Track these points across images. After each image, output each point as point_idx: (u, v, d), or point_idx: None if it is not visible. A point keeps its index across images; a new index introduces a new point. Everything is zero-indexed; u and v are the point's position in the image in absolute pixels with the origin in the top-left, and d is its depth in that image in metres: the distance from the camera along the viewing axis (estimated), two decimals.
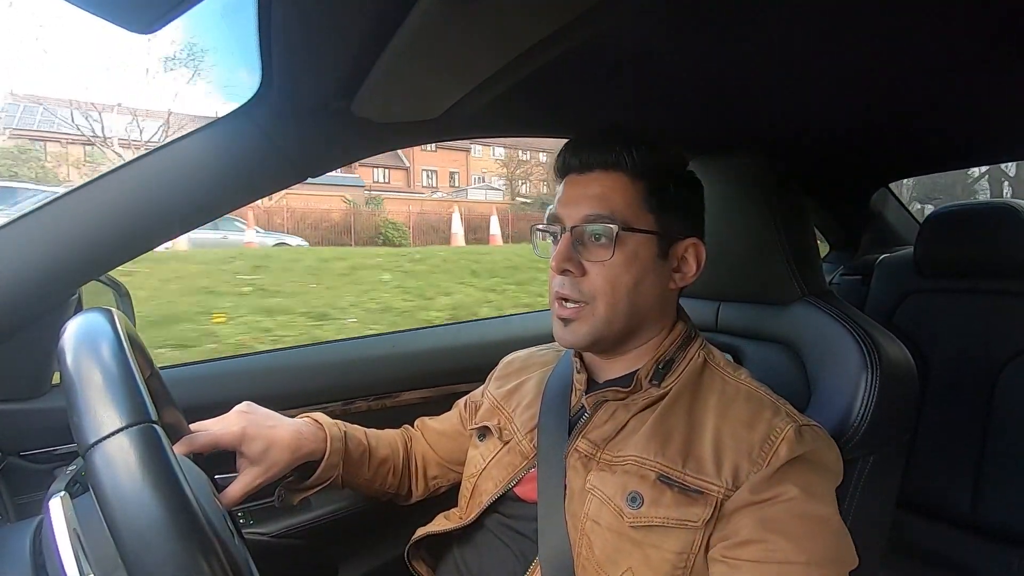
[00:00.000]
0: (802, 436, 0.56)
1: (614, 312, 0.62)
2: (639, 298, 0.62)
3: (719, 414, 0.59)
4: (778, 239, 0.76)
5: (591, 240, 0.61)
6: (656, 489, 0.56)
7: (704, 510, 0.54)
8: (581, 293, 0.62)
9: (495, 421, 0.75)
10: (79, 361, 0.41)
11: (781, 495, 0.53)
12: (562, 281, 0.62)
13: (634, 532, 0.56)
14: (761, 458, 0.55)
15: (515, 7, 0.49)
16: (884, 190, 1.59)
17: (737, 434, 0.57)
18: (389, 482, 0.80)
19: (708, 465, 0.56)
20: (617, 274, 0.61)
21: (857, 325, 0.72)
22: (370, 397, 1.02)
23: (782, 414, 0.58)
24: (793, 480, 0.53)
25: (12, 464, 0.73)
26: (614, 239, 0.60)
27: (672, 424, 0.60)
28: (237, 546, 0.50)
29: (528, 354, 0.83)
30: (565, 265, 0.61)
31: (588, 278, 0.62)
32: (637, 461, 0.59)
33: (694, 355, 0.65)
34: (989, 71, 0.76)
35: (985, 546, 1.11)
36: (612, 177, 0.62)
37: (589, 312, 0.62)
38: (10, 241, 0.65)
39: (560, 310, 0.63)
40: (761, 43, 0.68)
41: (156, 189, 0.68)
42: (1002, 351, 1.14)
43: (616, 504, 0.58)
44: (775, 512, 0.52)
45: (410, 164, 24.15)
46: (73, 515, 0.43)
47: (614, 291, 0.61)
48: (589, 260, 0.61)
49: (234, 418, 0.67)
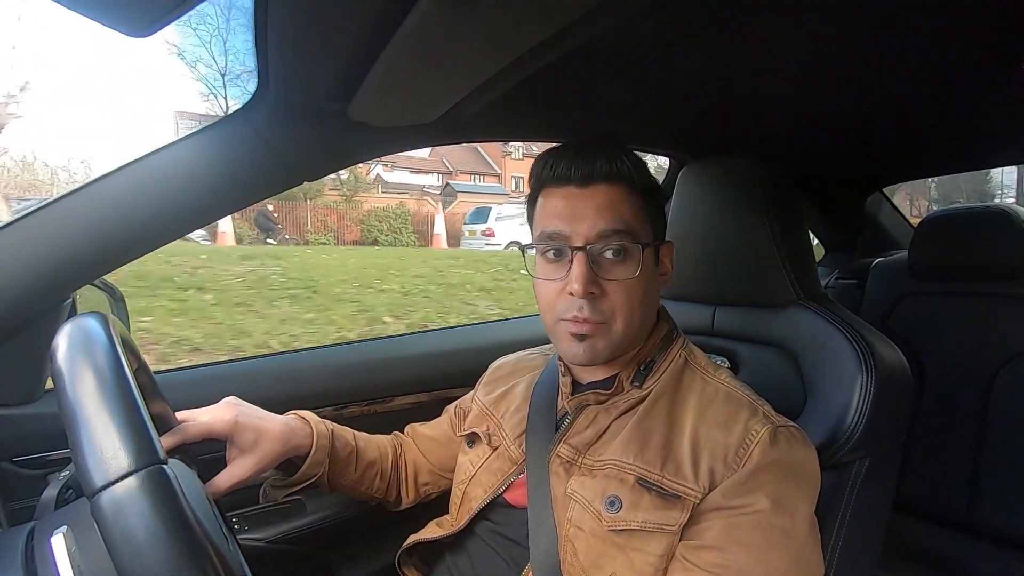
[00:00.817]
0: (776, 439, 0.55)
1: (630, 327, 0.60)
2: (648, 308, 0.62)
3: (698, 415, 0.59)
4: (773, 243, 0.76)
5: (606, 258, 0.59)
6: (635, 492, 0.56)
7: (681, 514, 0.54)
8: (601, 313, 0.59)
9: (484, 427, 0.74)
10: (80, 393, 0.39)
11: (750, 505, 0.52)
12: (580, 304, 0.58)
13: (615, 536, 0.56)
14: (736, 462, 0.54)
15: (512, 11, 0.49)
16: (879, 194, 1.60)
17: (714, 436, 0.56)
18: (377, 485, 0.79)
19: (686, 468, 0.55)
20: (634, 290, 0.59)
21: (852, 328, 0.72)
22: (363, 402, 1.01)
23: (759, 415, 0.57)
24: (764, 489, 0.53)
25: (4, 470, 0.72)
26: (640, 256, 0.58)
27: (651, 426, 0.59)
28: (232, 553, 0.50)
29: (517, 358, 0.83)
30: (591, 288, 0.58)
31: (607, 298, 0.59)
32: (617, 465, 0.58)
33: (675, 355, 0.65)
34: (984, 75, 0.76)
35: (981, 548, 1.12)
36: (615, 189, 0.60)
37: (606, 329, 0.59)
38: (4, 244, 0.64)
39: (575, 327, 0.59)
40: (757, 47, 0.68)
41: (152, 193, 0.68)
42: (997, 354, 1.15)
43: (595, 508, 0.57)
44: (741, 522, 0.52)
45: (502, 171, 24.92)
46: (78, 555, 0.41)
47: (631, 307, 0.59)
48: (607, 278, 0.59)
49: (225, 408, 0.67)
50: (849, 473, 0.67)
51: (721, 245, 0.80)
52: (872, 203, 1.60)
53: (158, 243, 0.72)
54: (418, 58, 0.56)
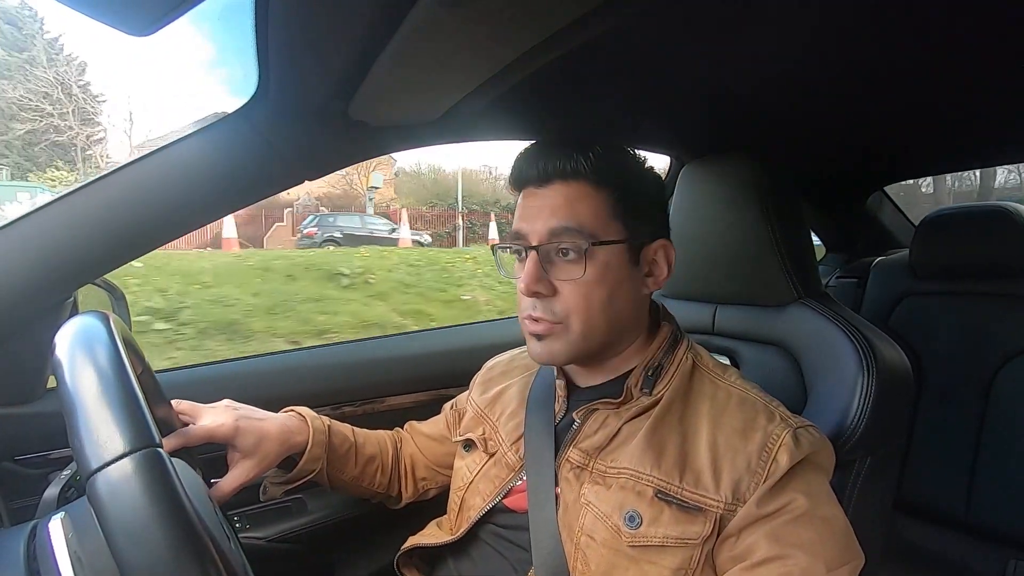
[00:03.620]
0: (799, 440, 0.55)
1: (590, 328, 0.59)
2: (614, 311, 0.60)
3: (713, 422, 0.58)
4: (774, 242, 0.76)
5: (559, 257, 0.58)
6: (654, 507, 0.55)
7: (704, 527, 0.53)
8: (554, 314, 0.59)
9: (480, 432, 0.74)
10: (77, 379, 0.40)
11: (788, 505, 0.52)
12: (533, 303, 0.59)
13: (632, 551, 0.55)
14: (761, 468, 0.54)
15: (513, 10, 0.49)
16: (879, 193, 1.60)
17: (733, 444, 0.56)
18: (378, 481, 0.79)
19: (706, 478, 0.55)
20: (590, 290, 0.58)
21: (853, 327, 0.72)
22: (361, 401, 1.01)
23: (776, 419, 0.57)
24: (796, 488, 0.53)
25: (6, 468, 0.72)
26: (584, 254, 0.57)
27: (665, 435, 0.58)
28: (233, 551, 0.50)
29: (510, 357, 0.82)
30: (536, 287, 0.58)
31: (560, 297, 0.59)
32: (633, 475, 0.57)
33: (682, 358, 0.64)
34: (984, 74, 0.76)
35: (980, 547, 1.12)
36: (573, 187, 0.59)
37: (563, 330, 0.59)
38: (5, 244, 0.64)
39: (532, 325, 0.60)
40: (757, 46, 0.68)
41: (152, 192, 0.68)
42: (997, 353, 1.14)
43: (613, 522, 0.56)
44: (786, 524, 0.51)
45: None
46: (75, 539, 0.42)
47: (589, 308, 0.58)
48: (559, 279, 0.58)
49: (224, 412, 0.67)
50: (850, 472, 0.67)
51: (722, 244, 0.80)
52: (873, 202, 1.60)
53: (159, 242, 0.72)
54: (419, 57, 0.56)
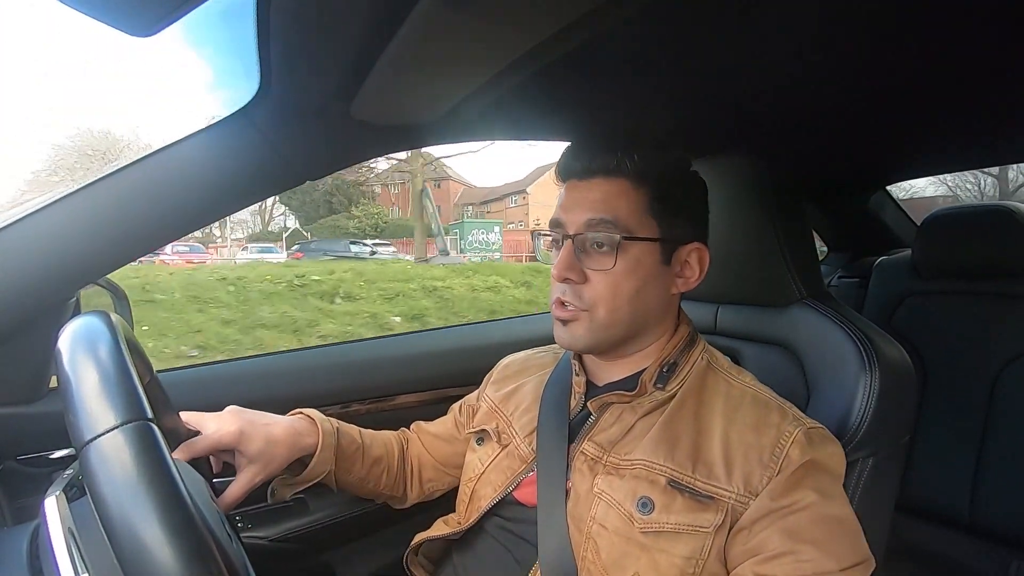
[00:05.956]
0: (811, 439, 0.56)
1: (614, 318, 0.62)
2: (640, 305, 0.62)
3: (726, 418, 0.59)
4: (776, 241, 0.76)
5: (593, 248, 0.61)
6: (667, 495, 0.56)
7: (715, 516, 0.54)
8: (582, 300, 0.62)
9: (493, 424, 0.75)
10: (75, 361, 0.41)
11: (799, 500, 0.53)
12: (563, 288, 0.62)
13: (643, 537, 0.56)
14: (773, 462, 0.55)
15: (513, 11, 0.49)
16: (882, 192, 1.60)
17: (745, 439, 0.57)
18: (384, 482, 0.80)
19: (718, 470, 0.56)
20: (619, 282, 0.61)
21: (855, 327, 0.72)
22: (367, 400, 1.01)
23: (789, 417, 0.58)
24: (808, 484, 0.54)
25: (9, 468, 0.72)
26: (616, 247, 0.60)
27: (679, 428, 0.60)
28: (235, 549, 0.50)
29: (525, 356, 0.83)
30: (567, 273, 0.61)
31: (590, 285, 0.61)
32: (646, 465, 0.58)
33: (697, 358, 0.65)
34: (987, 73, 0.76)
35: (983, 548, 1.11)
36: (614, 183, 0.61)
37: (588, 317, 0.62)
38: (8, 244, 0.64)
39: (559, 311, 0.63)
40: (759, 45, 0.68)
41: (154, 192, 0.68)
42: (1000, 353, 1.14)
43: (626, 509, 0.57)
44: (797, 520, 0.52)
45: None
46: (68, 515, 0.43)
47: (615, 298, 0.61)
48: (591, 268, 0.61)
49: (229, 418, 0.67)
50: (852, 472, 0.67)
51: (724, 244, 0.80)
52: (875, 201, 1.60)
53: (161, 242, 0.72)
54: (420, 56, 0.56)
